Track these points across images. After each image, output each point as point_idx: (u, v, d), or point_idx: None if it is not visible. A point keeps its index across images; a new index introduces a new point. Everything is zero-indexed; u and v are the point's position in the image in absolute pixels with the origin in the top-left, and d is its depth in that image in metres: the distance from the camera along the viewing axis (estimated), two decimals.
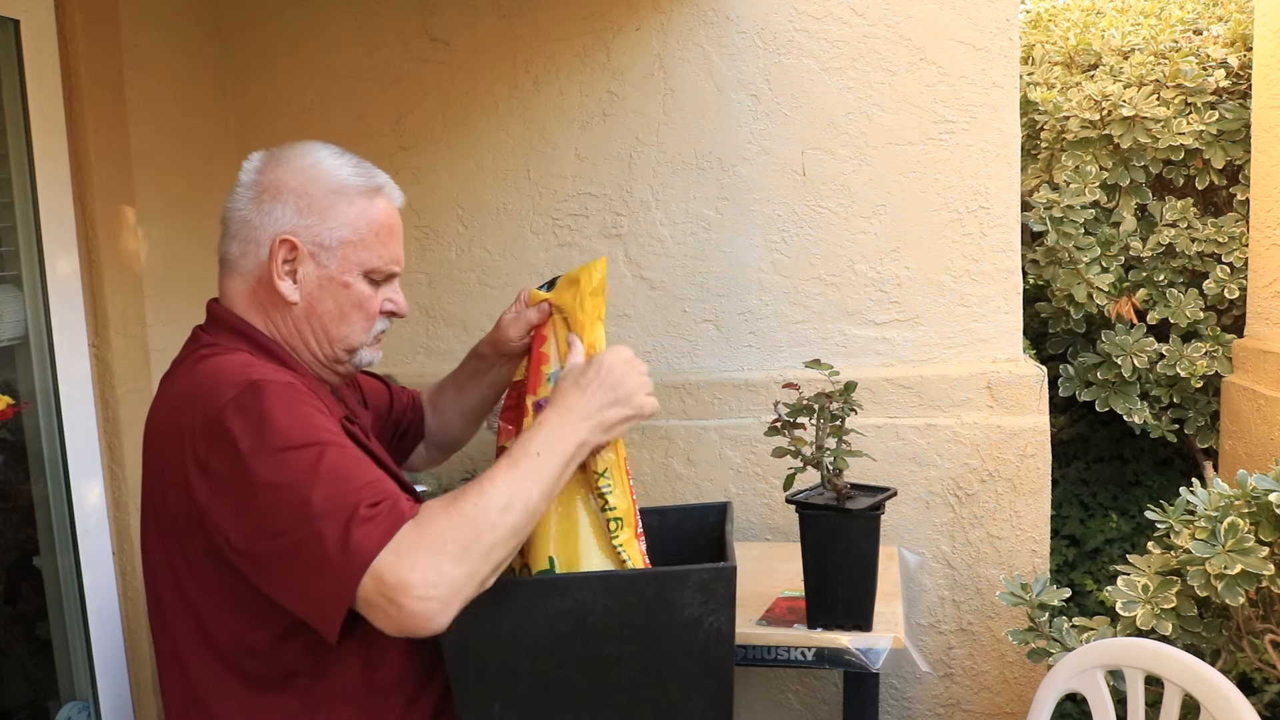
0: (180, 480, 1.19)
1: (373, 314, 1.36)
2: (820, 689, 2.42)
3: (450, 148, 2.55)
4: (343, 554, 1.07)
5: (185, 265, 2.36)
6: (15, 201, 1.96)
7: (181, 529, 1.22)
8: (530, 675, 1.29)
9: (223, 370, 1.22)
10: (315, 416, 1.19)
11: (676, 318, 2.47)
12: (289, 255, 1.30)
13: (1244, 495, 1.70)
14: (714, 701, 1.33)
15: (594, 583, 1.28)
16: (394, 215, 1.37)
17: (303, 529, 1.09)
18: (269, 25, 2.60)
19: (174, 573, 1.25)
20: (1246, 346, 2.65)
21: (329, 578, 1.08)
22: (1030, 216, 2.73)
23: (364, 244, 1.33)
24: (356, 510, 1.09)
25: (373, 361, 1.42)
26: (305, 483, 1.11)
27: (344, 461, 1.15)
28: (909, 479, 2.31)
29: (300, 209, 1.30)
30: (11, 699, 2.12)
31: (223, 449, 1.15)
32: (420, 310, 2.61)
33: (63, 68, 2.02)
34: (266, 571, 1.15)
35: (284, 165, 1.32)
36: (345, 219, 1.31)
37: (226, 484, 1.15)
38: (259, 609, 1.20)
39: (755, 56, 2.36)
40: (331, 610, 1.10)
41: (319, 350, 1.35)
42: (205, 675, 1.25)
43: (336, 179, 1.32)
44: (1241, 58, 2.83)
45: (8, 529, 2.07)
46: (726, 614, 1.30)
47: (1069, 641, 1.89)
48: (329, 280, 1.32)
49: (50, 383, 2.00)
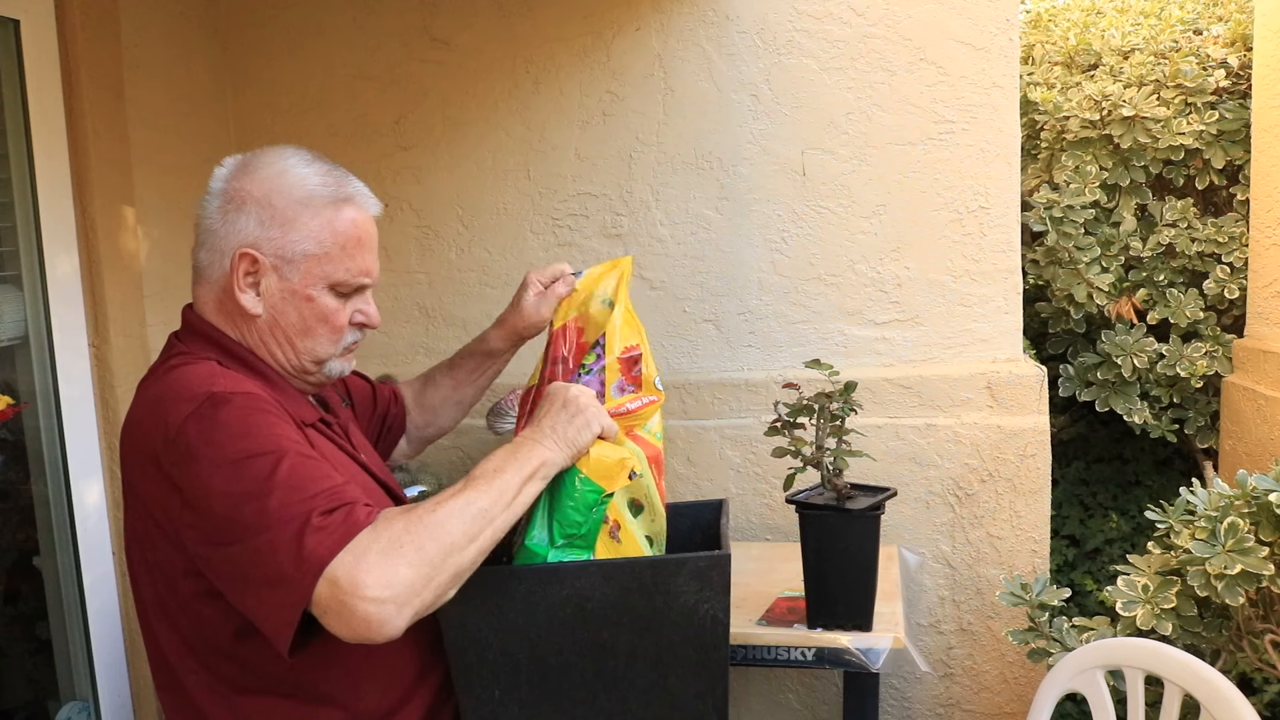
0: (148, 487, 1.21)
1: (339, 327, 1.34)
2: (820, 689, 2.42)
3: (450, 148, 2.55)
4: (296, 562, 1.06)
5: (185, 265, 2.32)
6: (15, 201, 1.96)
7: (153, 533, 1.23)
8: (530, 661, 1.31)
9: (187, 381, 1.22)
10: (276, 425, 1.18)
11: (676, 318, 2.47)
12: (250, 268, 1.28)
13: (1244, 495, 1.70)
14: (710, 687, 1.35)
15: (592, 571, 1.30)
16: (363, 226, 1.33)
17: (258, 538, 1.09)
18: (269, 25, 2.60)
19: (150, 574, 1.26)
20: (1246, 346, 2.65)
21: (283, 587, 1.07)
22: (1030, 216, 2.73)
23: (328, 257, 1.29)
24: (309, 519, 1.08)
25: (344, 372, 1.40)
26: (260, 492, 1.10)
27: (302, 467, 1.14)
28: (909, 479, 2.31)
29: (263, 220, 1.27)
30: (11, 699, 2.12)
31: (182, 460, 1.15)
32: (420, 310, 2.61)
33: (63, 68, 2.02)
34: (225, 580, 1.16)
35: (251, 174, 1.29)
36: (309, 231, 1.28)
37: (187, 494, 1.15)
38: (223, 611, 1.20)
39: (755, 56, 2.36)
40: (284, 617, 1.08)
41: (285, 361, 1.33)
42: (190, 675, 1.26)
43: (303, 189, 1.28)
44: (1241, 58, 2.83)
45: (8, 529, 2.07)
46: (722, 601, 1.32)
47: (1069, 641, 1.89)
48: (292, 293, 1.29)
49: (50, 383, 2.00)
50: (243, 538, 1.10)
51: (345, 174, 1.34)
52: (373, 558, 1.06)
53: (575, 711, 1.34)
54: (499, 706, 1.33)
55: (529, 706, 1.33)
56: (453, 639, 1.30)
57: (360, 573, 1.05)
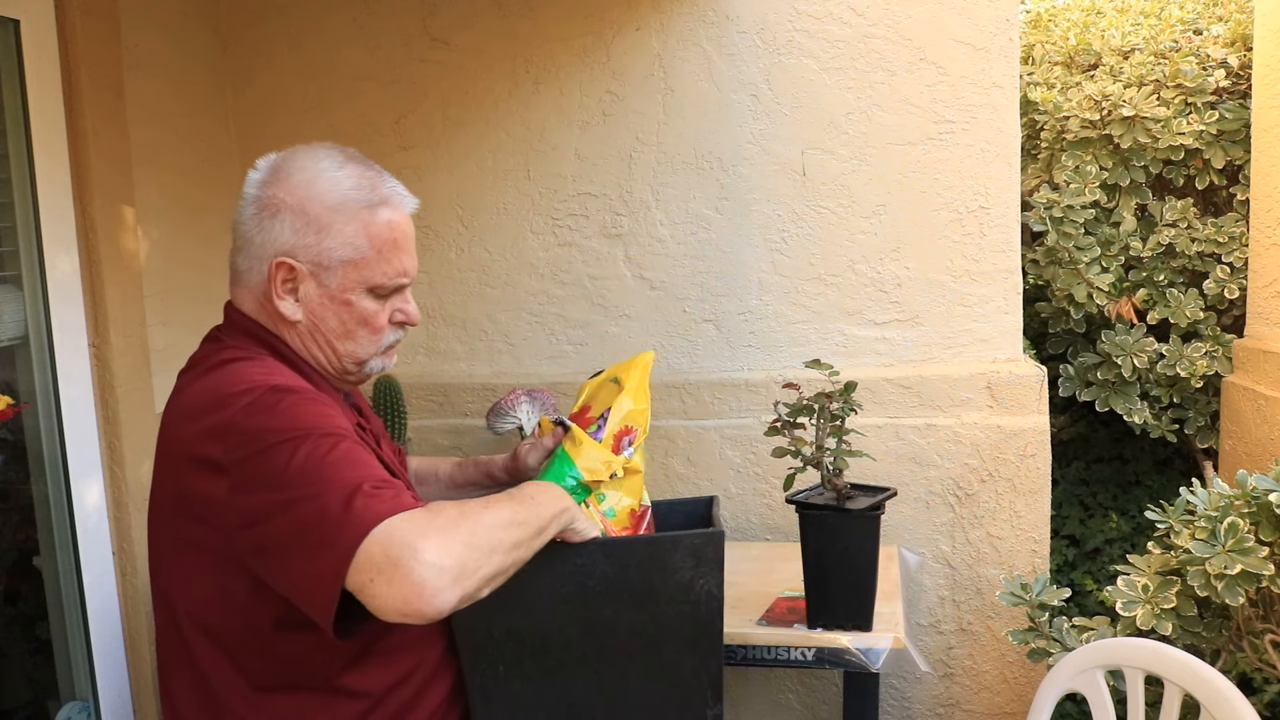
0: (189, 479, 1.20)
1: (379, 328, 1.35)
2: (820, 689, 2.42)
3: (450, 147, 2.55)
4: (343, 522, 1.06)
5: (185, 265, 2.36)
6: (15, 201, 1.96)
7: (186, 523, 1.22)
8: (533, 638, 1.36)
9: (248, 373, 1.24)
10: (334, 417, 1.21)
11: (676, 318, 2.47)
12: (288, 276, 1.29)
13: (1244, 495, 1.70)
14: (705, 660, 1.41)
15: (593, 548, 1.35)
16: (400, 227, 1.33)
17: (307, 505, 1.09)
18: (269, 24, 2.60)
19: (183, 570, 1.25)
20: (1246, 346, 2.65)
21: (328, 549, 1.06)
22: (1030, 216, 2.73)
23: (365, 262, 1.29)
24: (360, 486, 1.09)
25: (385, 368, 1.42)
26: (314, 466, 1.11)
27: (356, 453, 1.15)
28: (909, 479, 2.31)
29: (298, 228, 1.27)
30: (11, 699, 2.12)
31: (240, 443, 1.15)
32: (420, 310, 2.60)
33: (63, 68, 2.02)
34: (269, 556, 1.14)
35: (283, 180, 1.29)
36: (344, 237, 1.28)
37: (236, 475, 1.15)
38: (258, 602, 1.20)
39: (755, 56, 2.36)
40: (329, 583, 1.06)
41: (327, 363, 1.35)
42: (216, 673, 1.25)
43: (337, 194, 1.28)
44: (1241, 58, 2.83)
45: (8, 529, 2.06)
46: (716, 577, 1.38)
47: (1069, 641, 1.89)
48: (330, 299, 1.30)
49: (50, 383, 2.00)
50: (291, 505, 1.10)
51: (379, 173, 1.34)
52: (432, 530, 1.06)
53: (576, 686, 1.39)
54: (503, 682, 1.37)
55: (531, 682, 1.38)
56: (458, 617, 1.32)
57: (418, 538, 1.04)
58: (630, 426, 1.58)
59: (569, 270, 2.51)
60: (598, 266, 2.49)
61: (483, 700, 1.38)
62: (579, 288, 2.51)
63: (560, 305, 2.53)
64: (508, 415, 2.21)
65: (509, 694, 1.38)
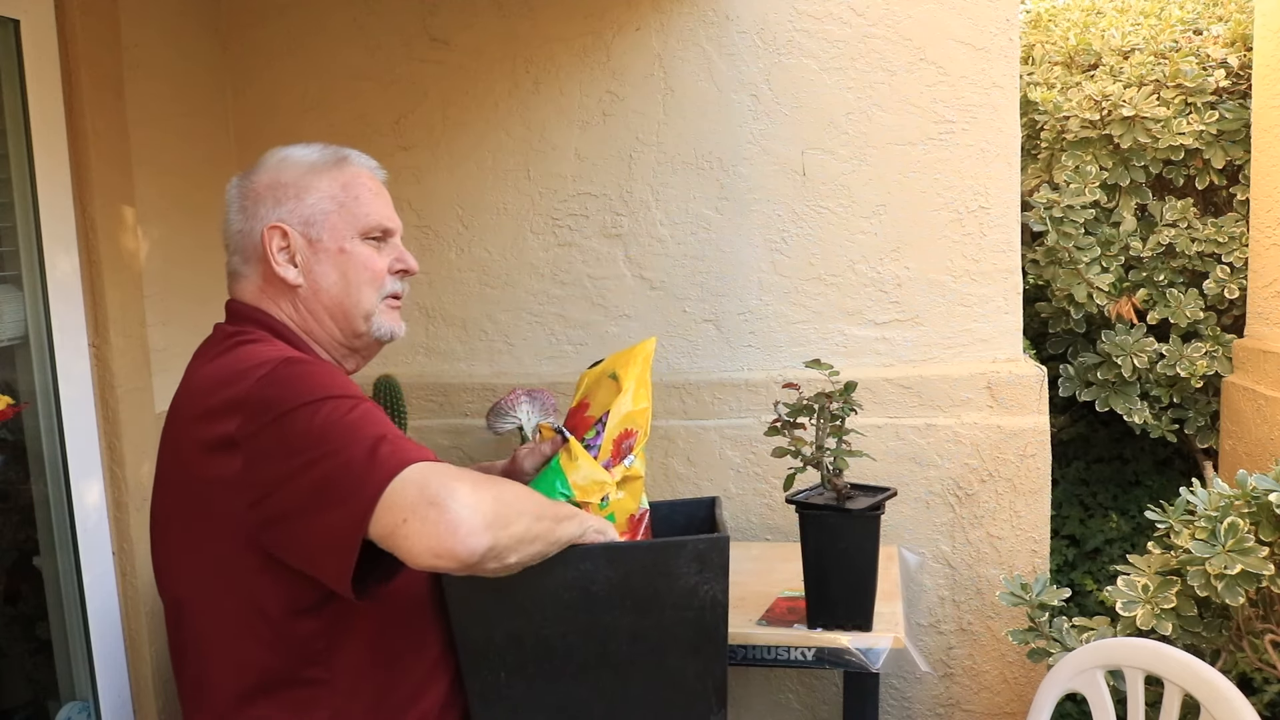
0: (199, 461, 1.20)
1: (379, 272, 1.39)
2: (820, 689, 2.42)
3: (450, 148, 2.55)
4: (368, 469, 1.07)
5: (185, 265, 2.36)
6: (15, 201, 1.96)
7: (195, 512, 1.22)
8: (536, 644, 1.35)
9: (261, 352, 1.26)
10: (351, 384, 1.24)
11: (676, 318, 2.47)
12: (283, 242, 1.34)
13: (1244, 495, 1.70)
14: (709, 665, 1.39)
15: (597, 553, 1.33)
16: (369, 177, 1.41)
17: (329, 461, 1.10)
18: (269, 24, 2.60)
19: (197, 556, 1.24)
20: (1246, 346, 2.65)
21: (351, 500, 1.07)
22: (1030, 216, 2.73)
23: (346, 209, 1.36)
24: (384, 436, 1.11)
25: (394, 333, 1.42)
26: (337, 423, 1.13)
27: (377, 413, 1.18)
28: (909, 479, 2.31)
29: (279, 199, 1.35)
30: (11, 699, 2.12)
31: (257, 412, 1.16)
32: (420, 310, 2.61)
33: (63, 68, 2.01)
34: (286, 520, 1.14)
35: (255, 174, 1.38)
36: (323, 192, 1.35)
37: (255, 446, 1.15)
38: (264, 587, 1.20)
39: (755, 56, 2.36)
40: (349, 535, 1.07)
41: (334, 328, 1.37)
42: (215, 669, 1.25)
43: (305, 163, 1.37)
44: (1241, 58, 2.83)
45: (8, 529, 2.06)
46: (721, 582, 1.36)
47: (1069, 641, 1.89)
48: (325, 252, 1.35)
49: (50, 383, 2.00)
50: (312, 465, 1.11)
51: (338, 147, 1.42)
52: (465, 479, 1.09)
53: (578, 693, 1.37)
54: (504, 688, 1.35)
55: (533, 688, 1.36)
56: (459, 622, 1.32)
57: (454, 480, 1.07)
58: (630, 430, 1.56)
59: (569, 270, 2.51)
60: (598, 266, 2.49)
61: (483, 706, 1.36)
62: (579, 288, 2.51)
63: (560, 305, 2.53)
64: (508, 415, 2.21)
65: (510, 700, 1.36)
